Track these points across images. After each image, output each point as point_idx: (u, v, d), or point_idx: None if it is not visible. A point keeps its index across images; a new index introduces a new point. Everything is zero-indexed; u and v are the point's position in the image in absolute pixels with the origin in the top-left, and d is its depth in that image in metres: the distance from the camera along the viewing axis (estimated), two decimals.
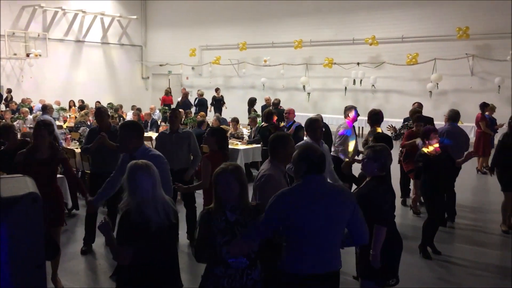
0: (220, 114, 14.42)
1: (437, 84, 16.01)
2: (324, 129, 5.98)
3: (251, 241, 3.03)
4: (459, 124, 8.11)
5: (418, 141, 6.60)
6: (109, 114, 7.16)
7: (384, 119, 7.33)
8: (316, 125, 5.59)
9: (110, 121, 7.11)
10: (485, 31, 15.25)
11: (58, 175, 5.57)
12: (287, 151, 3.84)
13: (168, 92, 19.77)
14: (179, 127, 6.52)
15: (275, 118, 9.85)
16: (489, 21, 15.23)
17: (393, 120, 15.24)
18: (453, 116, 7.70)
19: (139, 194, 3.09)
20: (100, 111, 6.60)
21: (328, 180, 3.96)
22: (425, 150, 5.88)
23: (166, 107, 16.20)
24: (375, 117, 7.14)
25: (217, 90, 18.81)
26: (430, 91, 16.15)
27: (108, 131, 6.19)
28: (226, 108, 18.05)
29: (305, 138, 5.87)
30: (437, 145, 5.88)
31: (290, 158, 3.78)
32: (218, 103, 18.09)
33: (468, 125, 13.61)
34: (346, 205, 3.10)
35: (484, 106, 11.39)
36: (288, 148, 3.89)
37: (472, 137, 12.03)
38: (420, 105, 9.43)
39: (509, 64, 14.77)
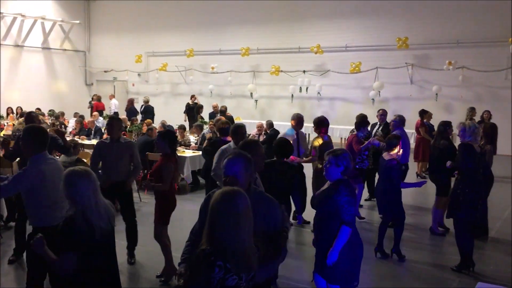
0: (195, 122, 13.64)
1: (379, 92, 16.56)
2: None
3: None
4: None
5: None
6: (39, 119, 6.89)
7: (330, 126, 7.62)
8: (240, 131, 5.92)
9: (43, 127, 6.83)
10: (423, 41, 15.96)
11: None
12: (255, 158, 3.88)
13: (99, 98, 19.37)
14: (120, 136, 6.16)
15: None
16: (427, 32, 15.97)
17: (338, 127, 15.75)
18: (403, 122, 8.29)
19: (80, 201, 3.03)
20: (30, 116, 6.34)
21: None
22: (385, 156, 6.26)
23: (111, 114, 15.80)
24: (320, 124, 7.30)
25: (192, 97, 18.23)
26: (373, 99, 16.68)
27: None
28: (201, 118, 15.58)
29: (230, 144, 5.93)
30: (397, 150, 6.30)
31: (259, 164, 3.88)
32: (191, 111, 16.77)
33: (409, 132, 14.04)
34: None
35: (423, 113, 11.86)
36: (257, 155, 3.88)
37: (412, 142, 12.48)
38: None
39: (446, 73, 15.53)
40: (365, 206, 8.84)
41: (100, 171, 6.10)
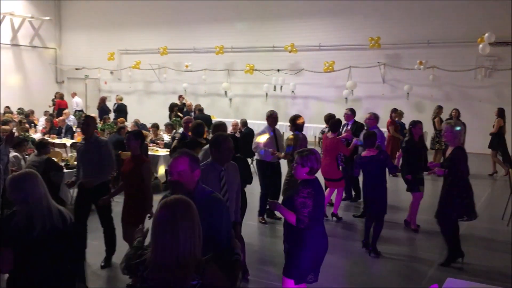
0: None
1: (352, 91, 16.75)
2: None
3: None
4: None
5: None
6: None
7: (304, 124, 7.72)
8: (221, 129, 6.00)
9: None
10: (394, 41, 16.21)
11: None
12: (221, 151, 4.05)
13: (62, 96, 19.10)
14: (92, 135, 6.02)
15: None
16: (398, 32, 16.22)
17: (312, 125, 15.86)
18: (377, 119, 8.54)
19: (30, 202, 3.02)
20: None
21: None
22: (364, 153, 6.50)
23: (81, 112, 15.55)
24: (293, 122, 7.46)
25: (180, 97, 17.57)
26: (346, 98, 16.86)
27: None
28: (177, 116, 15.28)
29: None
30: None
31: (225, 158, 4.07)
32: (181, 111, 16.07)
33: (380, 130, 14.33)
34: None
35: (392, 112, 12.11)
36: (222, 149, 4.05)
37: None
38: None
39: (417, 72, 15.81)
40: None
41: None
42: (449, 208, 5.84)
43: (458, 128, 5.89)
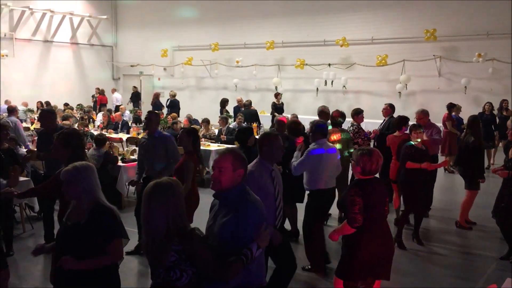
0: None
1: (406, 85, 16.31)
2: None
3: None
4: None
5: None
6: (56, 115, 7.03)
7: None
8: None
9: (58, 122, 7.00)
10: (451, 33, 15.62)
11: (23, 178, 5.45)
12: (272, 150, 4.04)
13: (102, 92, 19.82)
14: (155, 130, 6.13)
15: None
16: (455, 23, 15.62)
17: (366, 120, 15.55)
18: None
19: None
20: (46, 113, 6.45)
21: None
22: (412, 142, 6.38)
23: (136, 108, 16.01)
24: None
25: (277, 95, 16.25)
26: (399, 92, 16.44)
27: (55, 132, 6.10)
28: (226, 112, 14.90)
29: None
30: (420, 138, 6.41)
31: (276, 156, 4.06)
32: (279, 111, 15.39)
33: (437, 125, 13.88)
34: None
35: (451, 106, 11.66)
36: (274, 146, 4.04)
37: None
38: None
39: (475, 65, 15.18)
40: None
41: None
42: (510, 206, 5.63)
43: None
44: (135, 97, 21.05)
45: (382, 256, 3.94)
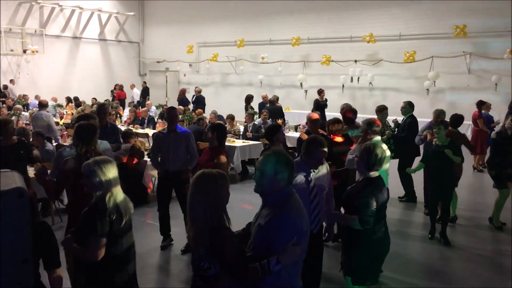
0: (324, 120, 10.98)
1: (434, 82, 16.01)
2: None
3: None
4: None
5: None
6: (109, 111, 7.17)
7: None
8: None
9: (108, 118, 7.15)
10: (482, 29, 15.25)
11: None
12: (314, 155, 4.03)
13: (121, 87, 20.02)
14: (176, 127, 6.19)
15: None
16: (486, 19, 15.23)
17: (390, 118, 15.33)
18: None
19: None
20: (103, 108, 6.57)
21: None
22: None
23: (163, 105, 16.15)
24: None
25: (320, 92, 15.10)
26: (427, 89, 16.15)
27: (105, 128, 6.19)
28: (251, 108, 14.62)
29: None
30: None
31: (318, 161, 4.06)
32: (322, 109, 14.27)
33: (465, 123, 13.55)
34: None
35: (481, 104, 11.38)
36: (316, 152, 4.03)
37: (468, 135, 12.02)
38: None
39: (506, 62, 14.78)
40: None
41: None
42: None
43: None
44: (144, 93, 21.21)
45: (382, 256, 3.96)
